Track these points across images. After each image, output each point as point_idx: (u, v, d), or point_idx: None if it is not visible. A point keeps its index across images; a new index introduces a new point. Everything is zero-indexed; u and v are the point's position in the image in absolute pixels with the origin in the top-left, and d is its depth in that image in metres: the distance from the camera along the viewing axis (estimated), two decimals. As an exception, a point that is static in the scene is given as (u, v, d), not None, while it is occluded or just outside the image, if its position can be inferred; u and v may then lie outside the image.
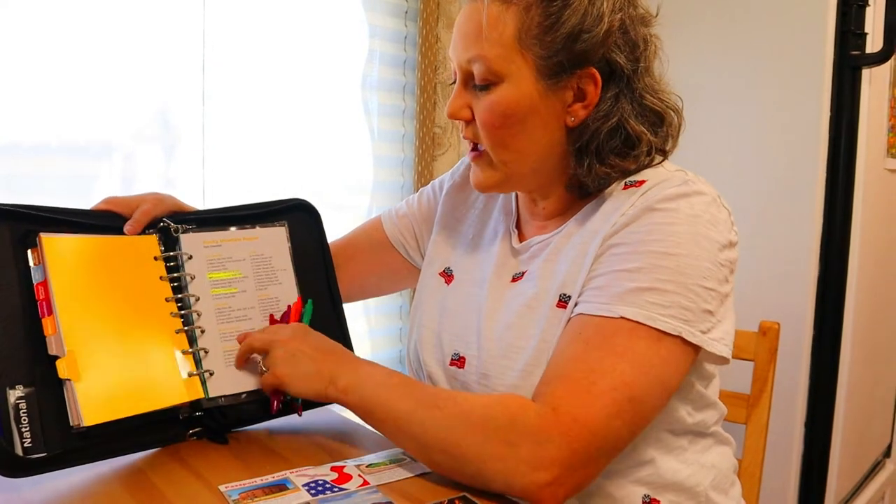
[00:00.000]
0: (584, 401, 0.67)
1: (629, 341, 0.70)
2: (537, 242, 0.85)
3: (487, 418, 0.69)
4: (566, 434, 0.66)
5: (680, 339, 0.71)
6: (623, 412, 0.68)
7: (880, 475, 2.01)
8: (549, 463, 0.66)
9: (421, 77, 1.68)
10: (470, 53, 0.78)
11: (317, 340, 0.83)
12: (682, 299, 0.71)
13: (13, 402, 0.70)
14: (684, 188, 0.75)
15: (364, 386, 0.76)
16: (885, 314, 1.92)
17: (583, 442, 0.66)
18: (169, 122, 1.36)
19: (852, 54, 1.50)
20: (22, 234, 0.76)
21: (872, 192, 1.64)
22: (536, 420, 0.67)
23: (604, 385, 0.68)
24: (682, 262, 0.72)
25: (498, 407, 0.70)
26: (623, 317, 0.70)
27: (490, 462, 0.67)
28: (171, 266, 0.86)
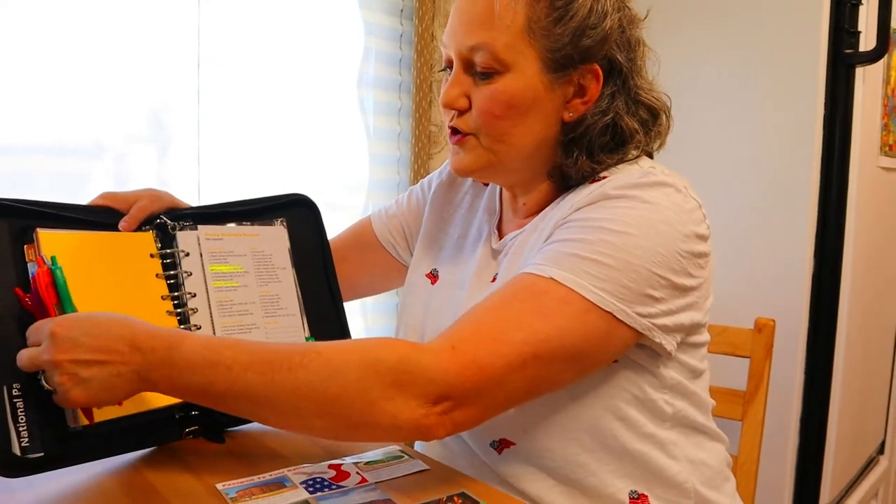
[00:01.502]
0: (488, 347, 0.66)
1: (555, 304, 0.68)
2: (510, 240, 0.85)
3: (371, 361, 0.64)
4: (460, 372, 0.65)
5: (611, 316, 0.69)
6: (525, 367, 0.67)
7: (874, 471, 2.02)
8: (439, 395, 0.64)
9: (417, 75, 1.68)
10: (474, 40, 0.76)
11: (94, 333, 0.65)
12: (621, 277, 0.69)
13: (10, 401, 0.70)
14: (644, 179, 0.74)
15: (187, 374, 0.65)
16: (879, 311, 1.93)
17: (475, 382, 0.65)
18: (164, 121, 1.35)
19: (846, 52, 1.50)
20: (19, 230, 0.76)
21: (866, 190, 1.65)
22: (430, 357, 0.65)
23: (514, 336, 0.66)
24: (629, 241, 0.70)
25: (381, 348, 0.66)
26: (553, 278, 0.69)
27: (377, 405, 0.64)
28: (167, 263, 0.85)
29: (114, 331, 0.65)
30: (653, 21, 0.85)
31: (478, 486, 0.72)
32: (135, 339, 0.65)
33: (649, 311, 0.71)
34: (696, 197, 0.77)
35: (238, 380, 0.64)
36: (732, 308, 1.43)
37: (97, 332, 0.65)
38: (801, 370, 1.56)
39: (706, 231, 0.76)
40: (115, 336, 0.65)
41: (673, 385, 0.80)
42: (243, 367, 0.64)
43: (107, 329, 0.65)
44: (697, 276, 0.75)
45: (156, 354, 0.65)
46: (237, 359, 0.65)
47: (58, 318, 0.67)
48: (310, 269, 0.94)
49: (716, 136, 1.64)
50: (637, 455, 0.78)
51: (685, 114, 1.70)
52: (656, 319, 0.72)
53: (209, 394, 0.66)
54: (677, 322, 0.74)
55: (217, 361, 0.65)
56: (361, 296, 1.14)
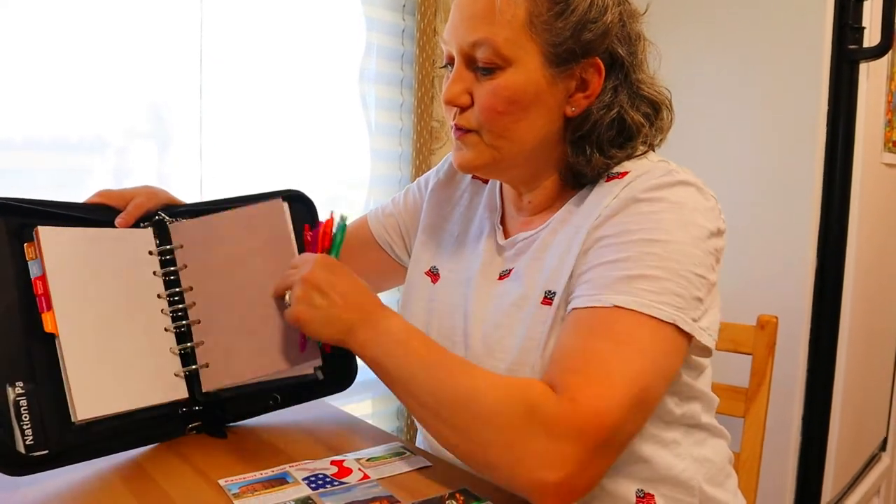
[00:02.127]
0: (601, 393, 0.64)
1: (631, 330, 0.68)
2: (523, 239, 0.85)
3: (503, 402, 0.66)
4: (585, 429, 0.63)
5: (674, 327, 0.69)
6: (638, 405, 0.66)
7: (876, 468, 2.02)
8: (562, 460, 0.63)
9: (419, 71, 1.67)
10: (476, 36, 0.75)
11: (342, 281, 0.77)
12: (673, 286, 0.69)
13: (14, 399, 0.70)
14: (668, 178, 0.75)
15: (380, 343, 0.74)
16: (882, 308, 1.92)
17: (600, 439, 0.64)
18: (166, 117, 1.35)
19: (850, 48, 1.49)
20: (17, 228, 0.76)
21: (869, 187, 1.64)
22: (556, 411, 0.64)
23: (619, 377, 0.65)
24: (670, 248, 0.71)
25: (517, 391, 0.66)
26: (616, 305, 0.69)
27: (498, 450, 0.65)
28: (166, 260, 0.85)
29: (355, 286, 0.78)
30: (656, 16, 0.84)
31: (480, 483, 0.72)
32: (365, 299, 0.77)
33: (698, 314, 0.72)
34: (712, 193, 0.78)
35: (412, 367, 0.71)
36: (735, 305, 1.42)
37: (343, 281, 0.77)
38: (804, 367, 1.55)
39: (724, 226, 0.77)
40: (354, 289, 0.77)
41: (683, 386, 0.80)
42: (422, 358, 0.72)
43: (351, 282, 0.78)
44: (717, 271, 0.76)
45: (372, 315, 0.75)
46: (429, 345, 0.73)
47: (323, 255, 0.80)
48: None
49: (719, 132, 1.64)
50: (643, 456, 0.78)
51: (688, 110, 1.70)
52: (702, 321, 0.72)
53: (391, 365, 0.73)
54: (712, 320, 0.75)
55: (410, 341, 0.73)
56: None
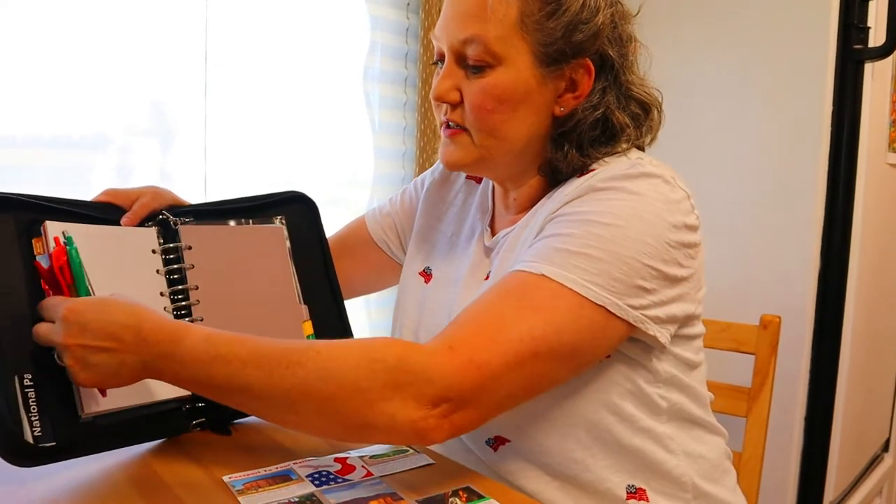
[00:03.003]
0: (485, 345, 0.65)
1: (549, 300, 0.68)
2: (502, 238, 0.85)
3: (369, 361, 0.64)
4: (458, 372, 0.64)
5: (604, 310, 0.69)
6: (523, 365, 0.66)
7: (879, 469, 2.02)
8: (438, 398, 0.63)
9: (423, 69, 1.67)
10: (467, 33, 0.76)
11: (104, 323, 0.66)
12: (612, 269, 0.69)
13: (22, 391, 0.70)
14: (631, 170, 0.74)
15: (191, 369, 0.66)
16: (885, 309, 1.92)
17: (474, 383, 0.64)
18: (171, 114, 1.36)
19: (855, 48, 1.49)
20: (25, 224, 0.76)
21: (874, 187, 1.64)
22: (428, 358, 0.64)
23: (510, 334, 0.66)
24: (618, 233, 0.70)
25: (380, 348, 0.65)
26: (544, 274, 0.68)
27: (375, 405, 0.63)
28: (170, 259, 0.86)
29: (121, 319, 0.67)
30: (658, 16, 0.85)
31: (483, 480, 0.72)
32: (140, 330, 0.67)
33: (641, 302, 0.71)
34: (685, 187, 0.77)
35: (237, 374, 0.65)
36: (738, 304, 1.42)
37: (105, 320, 0.67)
38: (807, 367, 1.55)
39: (695, 221, 0.76)
40: (122, 325, 0.67)
41: (667, 379, 0.79)
42: (242, 363, 0.65)
43: (115, 318, 0.67)
44: (688, 267, 0.74)
45: (160, 347, 0.66)
46: (237, 353, 0.66)
47: (70, 300, 0.69)
48: (309, 266, 0.94)
49: (723, 132, 1.64)
50: (633, 449, 0.78)
51: (692, 110, 1.70)
52: (648, 311, 0.72)
53: (210, 387, 0.67)
54: (670, 313, 0.74)
55: (217, 356, 0.66)
56: (357, 294, 1.13)
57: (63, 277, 0.72)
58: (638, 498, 0.78)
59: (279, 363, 0.65)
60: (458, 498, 0.68)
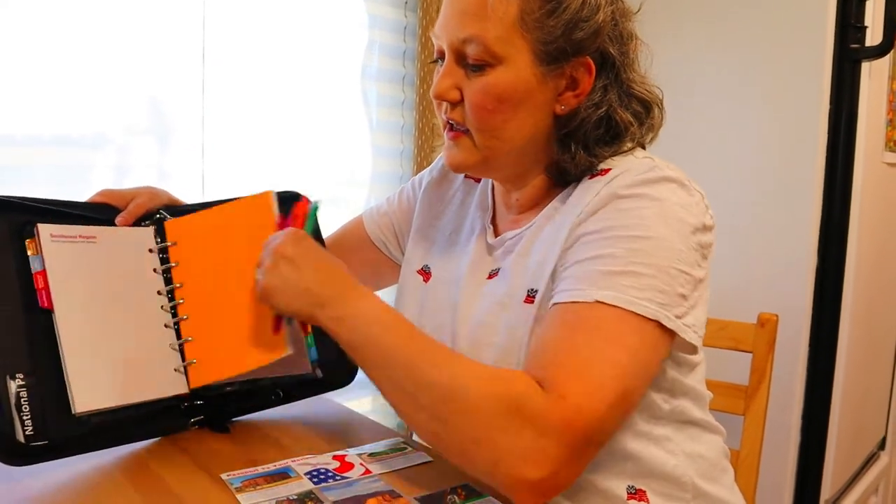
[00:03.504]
0: (587, 390, 0.64)
1: (615, 326, 0.67)
2: (510, 238, 0.85)
3: (488, 395, 0.64)
4: (569, 426, 0.62)
5: (657, 324, 0.68)
6: (621, 402, 0.66)
7: (875, 467, 2.02)
8: (545, 458, 0.62)
9: (421, 68, 1.67)
10: (466, 32, 0.75)
11: (313, 253, 0.76)
12: (656, 282, 0.69)
13: (14, 391, 0.70)
14: (650, 174, 0.74)
15: (355, 321, 0.71)
16: (882, 307, 1.93)
17: (585, 437, 0.63)
18: (168, 113, 1.35)
19: (852, 47, 1.49)
20: (19, 226, 0.76)
21: (871, 186, 1.65)
22: (543, 406, 0.63)
23: (603, 373, 0.65)
24: (653, 244, 0.70)
25: (502, 384, 0.65)
26: (598, 301, 0.68)
27: (480, 444, 0.63)
28: (165, 258, 0.85)
29: (328, 258, 0.77)
30: (656, 15, 0.85)
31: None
32: (339, 271, 0.76)
33: (682, 311, 0.71)
34: (699, 188, 0.77)
35: (399, 347, 0.69)
36: (735, 303, 1.42)
37: (317, 253, 0.77)
38: (804, 365, 1.55)
39: (711, 221, 0.76)
40: (327, 260, 0.77)
41: (671, 384, 0.80)
42: (404, 338, 0.70)
43: (325, 257, 0.77)
44: (705, 268, 0.75)
45: (345, 291, 0.74)
46: (409, 329, 0.71)
47: (296, 229, 0.79)
48: None
49: (720, 130, 1.64)
50: (633, 452, 0.78)
51: (689, 109, 1.70)
52: (686, 318, 0.72)
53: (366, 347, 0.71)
54: (698, 317, 0.74)
55: (389, 323, 0.72)
56: None
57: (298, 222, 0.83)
58: (638, 499, 0.78)
59: (423, 359, 0.68)
60: (456, 495, 0.68)
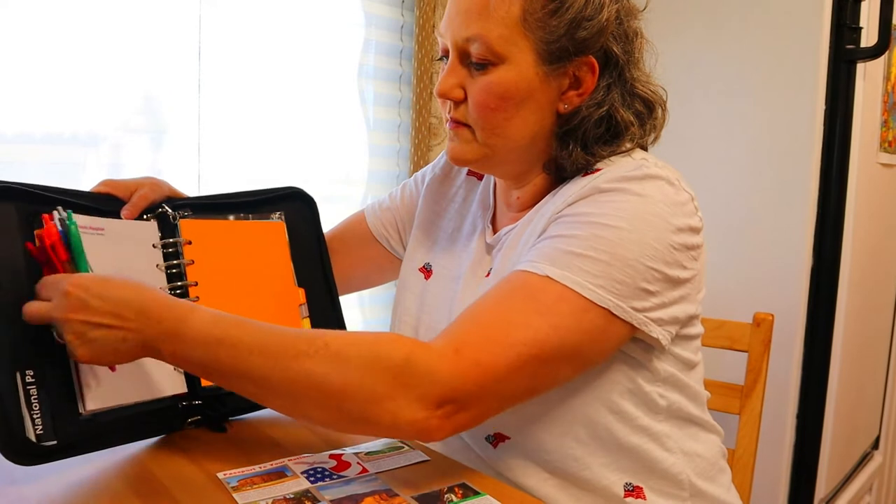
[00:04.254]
0: (490, 349, 0.66)
1: (554, 303, 0.68)
2: (504, 235, 0.85)
3: (377, 357, 0.64)
4: (463, 375, 0.65)
5: (607, 312, 0.69)
6: (526, 367, 0.67)
7: (869, 466, 2.03)
8: (442, 399, 0.64)
9: (417, 67, 1.67)
10: (470, 31, 0.75)
11: (108, 296, 0.65)
12: (615, 272, 0.69)
13: (24, 388, 0.69)
14: (636, 171, 0.74)
15: (194, 349, 0.66)
16: (876, 307, 1.93)
17: (478, 384, 0.65)
18: (164, 111, 1.35)
19: (847, 48, 1.50)
20: (28, 215, 0.75)
21: (865, 186, 1.65)
22: (435, 360, 0.65)
23: (515, 337, 0.66)
24: (622, 235, 0.70)
25: (389, 344, 0.65)
26: (548, 276, 0.69)
27: (379, 403, 0.64)
28: (169, 253, 0.85)
29: (125, 296, 0.66)
30: (653, 16, 0.84)
31: (478, 477, 0.72)
32: (144, 308, 0.66)
33: (644, 304, 0.71)
34: (689, 189, 0.77)
35: (242, 360, 0.65)
36: (731, 302, 1.43)
37: (108, 296, 0.66)
38: (799, 365, 1.56)
39: (699, 223, 0.76)
40: (126, 302, 0.66)
41: (667, 378, 0.80)
42: (248, 349, 0.65)
43: (118, 294, 0.66)
44: (691, 269, 0.75)
45: (163, 325, 0.66)
46: (243, 339, 0.66)
47: (73, 276, 0.68)
48: (306, 262, 0.94)
49: (716, 130, 1.64)
50: (631, 448, 0.78)
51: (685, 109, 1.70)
52: (651, 313, 0.72)
53: (213, 370, 0.67)
54: (672, 315, 0.74)
55: (222, 339, 0.66)
56: (355, 289, 1.13)
57: (56, 255, 0.71)
58: (635, 496, 0.79)
59: (286, 353, 0.65)
60: (453, 494, 0.68)
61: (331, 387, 0.64)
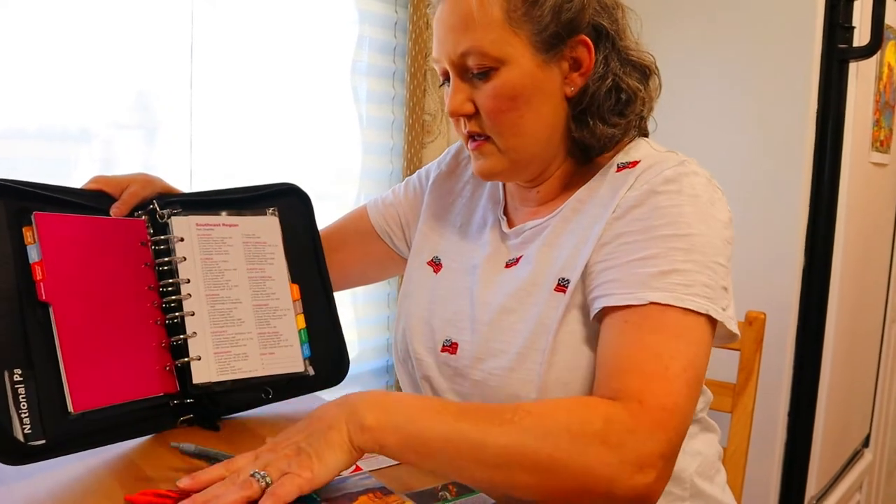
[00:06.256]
0: (664, 388, 0.65)
1: (675, 323, 0.69)
2: (530, 227, 0.85)
3: (579, 422, 0.63)
4: (661, 425, 0.63)
5: (707, 317, 0.70)
6: (695, 391, 0.68)
7: (859, 464, 2.04)
8: (654, 459, 0.62)
9: (411, 63, 1.66)
10: (463, 46, 0.77)
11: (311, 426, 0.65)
12: (702, 277, 0.71)
13: (12, 387, 0.68)
14: (682, 168, 0.76)
15: (398, 416, 0.63)
16: (867, 307, 1.94)
17: (676, 430, 0.65)
18: (156, 108, 1.34)
19: (840, 47, 1.51)
20: (17, 211, 0.74)
21: (857, 186, 1.66)
22: (630, 416, 0.63)
23: (676, 368, 0.66)
24: (695, 241, 0.72)
25: (583, 409, 0.64)
26: (652, 302, 0.69)
27: (593, 469, 0.61)
28: (159, 250, 0.84)
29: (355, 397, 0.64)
30: (646, 15, 0.86)
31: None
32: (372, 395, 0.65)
33: (725, 303, 0.73)
34: (718, 184, 0.80)
35: (449, 426, 0.62)
36: (723, 301, 1.43)
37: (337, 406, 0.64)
38: (790, 363, 1.57)
39: (731, 216, 0.79)
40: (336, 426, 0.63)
41: None
42: (454, 416, 0.63)
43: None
44: (731, 259, 0.78)
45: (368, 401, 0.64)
46: (447, 407, 0.64)
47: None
48: (300, 258, 0.93)
49: (709, 129, 1.65)
50: None
51: (678, 108, 1.70)
52: (730, 310, 0.74)
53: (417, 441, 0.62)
54: (733, 307, 0.76)
55: (428, 406, 0.64)
56: (353, 285, 1.13)
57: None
58: None
59: (492, 419, 0.63)
60: (447, 492, 0.68)
61: (541, 452, 0.62)
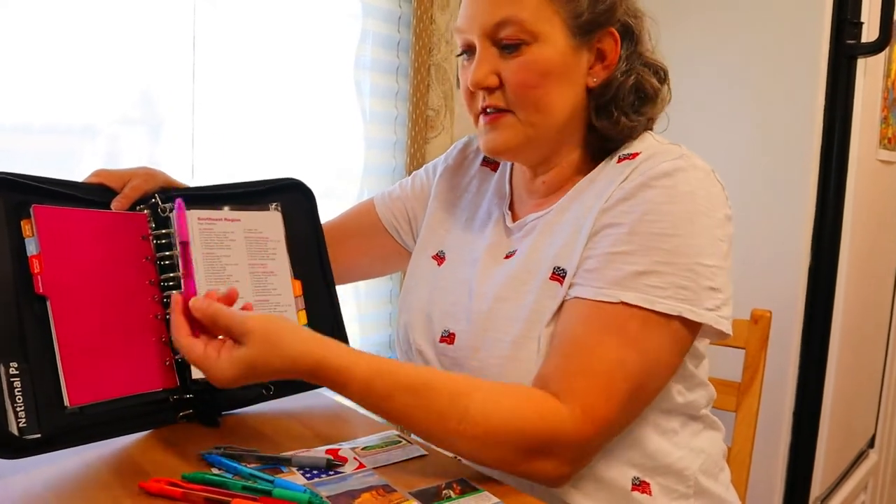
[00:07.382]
0: (605, 398, 0.70)
1: (637, 328, 0.71)
2: (531, 220, 0.85)
3: (521, 437, 0.68)
4: (596, 434, 0.70)
5: (681, 319, 0.71)
6: (632, 401, 0.71)
7: (864, 465, 2.03)
8: (574, 459, 0.71)
9: (415, 58, 1.65)
10: (500, 15, 0.77)
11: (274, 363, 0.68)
12: (678, 279, 0.71)
13: (7, 380, 0.68)
14: (679, 162, 0.75)
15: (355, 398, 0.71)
16: (874, 305, 1.93)
17: (603, 436, 0.71)
18: (158, 103, 1.33)
19: (848, 43, 1.49)
20: (16, 204, 0.74)
21: (864, 183, 1.65)
22: (573, 430, 0.69)
23: (619, 377, 0.70)
24: (677, 242, 0.72)
25: (529, 423, 0.69)
26: (623, 302, 0.71)
27: (531, 468, 0.70)
28: (161, 244, 0.84)
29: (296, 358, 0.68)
30: (653, 10, 0.86)
31: (476, 472, 0.71)
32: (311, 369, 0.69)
33: (715, 303, 0.73)
34: (720, 179, 0.79)
35: (400, 413, 0.70)
36: (729, 299, 1.41)
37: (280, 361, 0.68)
38: (796, 362, 1.56)
39: (731, 212, 0.79)
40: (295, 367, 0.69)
41: (688, 374, 0.81)
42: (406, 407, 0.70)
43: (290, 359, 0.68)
44: (730, 257, 0.77)
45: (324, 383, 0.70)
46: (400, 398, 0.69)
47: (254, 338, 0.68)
48: (303, 254, 0.93)
49: (715, 126, 1.63)
50: (641, 443, 0.78)
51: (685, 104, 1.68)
52: (723, 310, 0.74)
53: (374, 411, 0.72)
54: (730, 306, 0.76)
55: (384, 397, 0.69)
56: (357, 279, 1.13)
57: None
58: (641, 490, 0.78)
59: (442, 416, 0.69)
60: (451, 490, 0.67)
61: (483, 459, 0.71)
